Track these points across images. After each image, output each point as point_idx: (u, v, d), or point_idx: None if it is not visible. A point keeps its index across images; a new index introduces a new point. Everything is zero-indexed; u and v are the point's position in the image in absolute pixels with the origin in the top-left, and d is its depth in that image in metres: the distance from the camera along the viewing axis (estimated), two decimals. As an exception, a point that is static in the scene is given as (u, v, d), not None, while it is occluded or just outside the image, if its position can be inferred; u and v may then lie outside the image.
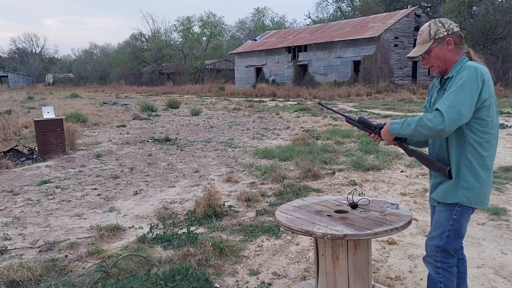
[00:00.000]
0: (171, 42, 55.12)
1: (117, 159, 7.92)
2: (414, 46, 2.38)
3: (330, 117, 13.90)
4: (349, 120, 2.56)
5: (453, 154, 2.13)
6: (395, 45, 29.11)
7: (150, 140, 9.95)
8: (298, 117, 14.53)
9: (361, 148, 8.04)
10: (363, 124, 2.47)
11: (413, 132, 2.08)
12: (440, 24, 2.15)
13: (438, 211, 2.22)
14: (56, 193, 5.68)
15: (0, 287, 2.97)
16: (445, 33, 2.14)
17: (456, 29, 2.16)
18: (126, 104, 22.28)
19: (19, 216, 4.76)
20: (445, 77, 2.17)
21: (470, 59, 2.15)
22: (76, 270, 3.30)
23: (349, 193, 2.79)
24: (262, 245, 3.73)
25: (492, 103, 2.07)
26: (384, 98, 21.56)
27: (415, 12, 30.93)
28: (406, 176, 6.04)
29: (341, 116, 2.53)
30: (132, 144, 9.64)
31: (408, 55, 2.29)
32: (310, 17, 65.83)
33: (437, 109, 2.00)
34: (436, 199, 2.22)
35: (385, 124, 2.33)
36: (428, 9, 38.82)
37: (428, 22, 2.22)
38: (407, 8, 36.47)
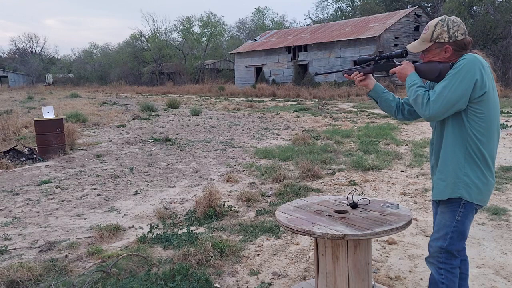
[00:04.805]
0: (171, 42, 55.08)
1: (117, 159, 7.92)
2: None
3: (330, 117, 13.91)
4: (346, 71, 2.54)
5: (449, 144, 2.12)
6: (395, 45, 29.09)
7: (150, 140, 9.95)
8: (298, 117, 14.53)
9: (361, 148, 8.03)
10: (361, 64, 2.47)
11: (414, 99, 2.13)
12: (445, 28, 2.08)
13: (441, 212, 2.20)
14: (56, 193, 5.68)
15: (0, 287, 2.97)
16: (446, 39, 2.09)
17: (461, 37, 2.08)
18: (126, 104, 22.28)
19: (19, 216, 4.76)
20: None
21: None
22: (76, 270, 3.30)
23: (349, 193, 2.79)
24: (262, 245, 3.73)
25: (491, 97, 2.05)
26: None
27: (415, 12, 30.93)
28: (406, 176, 6.04)
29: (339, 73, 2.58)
30: (132, 144, 9.64)
31: (408, 48, 2.25)
32: (310, 17, 65.88)
33: (431, 96, 2.06)
34: (436, 198, 2.21)
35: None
36: (428, 9, 38.81)
37: (438, 19, 2.14)
38: (407, 8, 36.46)
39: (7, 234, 4.14)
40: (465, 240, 2.20)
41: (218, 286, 3.02)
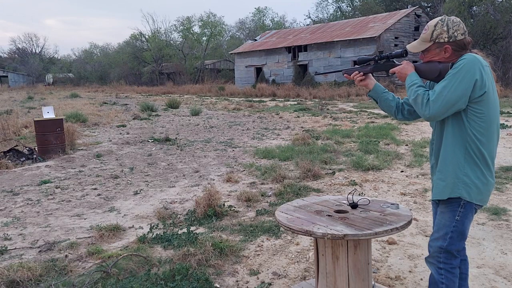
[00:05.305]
0: (171, 42, 55.07)
1: (117, 159, 7.92)
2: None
3: (330, 117, 13.90)
4: (346, 71, 2.53)
5: (449, 144, 2.12)
6: (395, 45, 29.09)
7: (150, 140, 9.95)
8: (298, 117, 14.53)
9: (361, 148, 8.03)
10: (361, 64, 2.46)
11: (414, 99, 2.13)
12: (445, 28, 2.08)
13: (441, 212, 2.20)
14: (56, 193, 5.68)
15: (0, 287, 2.97)
16: (446, 39, 2.09)
17: (461, 37, 2.08)
18: (126, 104, 22.28)
19: (19, 216, 4.76)
20: None
21: None
22: (76, 270, 3.30)
23: (349, 193, 2.79)
24: (262, 245, 3.73)
25: (491, 97, 2.05)
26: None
27: (415, 12, 30.93)
28: (406, 176, 6.04)
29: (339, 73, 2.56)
30: (132, 144, 9.64)
31: (408, 48, 2.25)
32: (310, 17, 65.87)
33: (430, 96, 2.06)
34: (436, 198, 2.20)
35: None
36: (428, 9, 38.80)
37: (438, 19, 2.14)
38: (407, 8, 36.46)
39: (7, 234, 4.14)
40: (465, 240, 2.20)
41: (218, 286, 3.02)
